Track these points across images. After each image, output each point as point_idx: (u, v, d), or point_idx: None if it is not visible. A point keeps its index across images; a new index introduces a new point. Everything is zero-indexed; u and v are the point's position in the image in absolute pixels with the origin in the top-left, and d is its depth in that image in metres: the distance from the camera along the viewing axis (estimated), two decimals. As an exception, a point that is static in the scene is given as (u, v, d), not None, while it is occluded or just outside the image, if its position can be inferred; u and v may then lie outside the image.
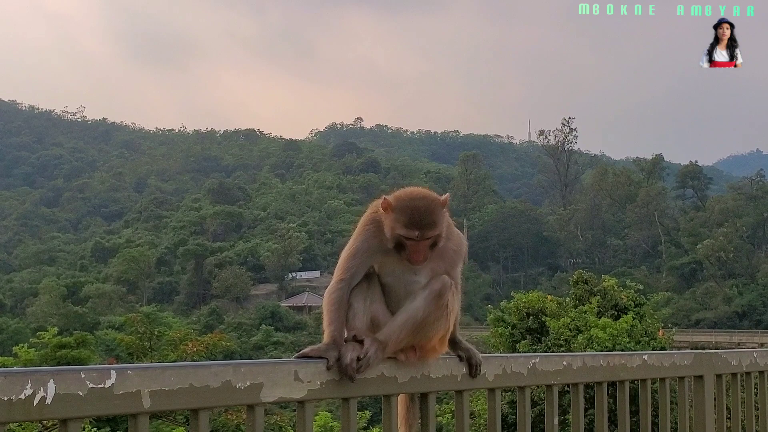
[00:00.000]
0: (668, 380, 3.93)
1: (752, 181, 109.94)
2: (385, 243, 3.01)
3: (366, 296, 2.97)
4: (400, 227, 2.95)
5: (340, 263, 3.04)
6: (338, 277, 3.00)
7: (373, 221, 3.08)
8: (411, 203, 2.97)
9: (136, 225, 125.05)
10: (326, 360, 2.68)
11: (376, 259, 3.05)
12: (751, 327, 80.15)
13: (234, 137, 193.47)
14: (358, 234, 3.10)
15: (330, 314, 2.87)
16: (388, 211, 3.00)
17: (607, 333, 18.90)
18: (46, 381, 2.06)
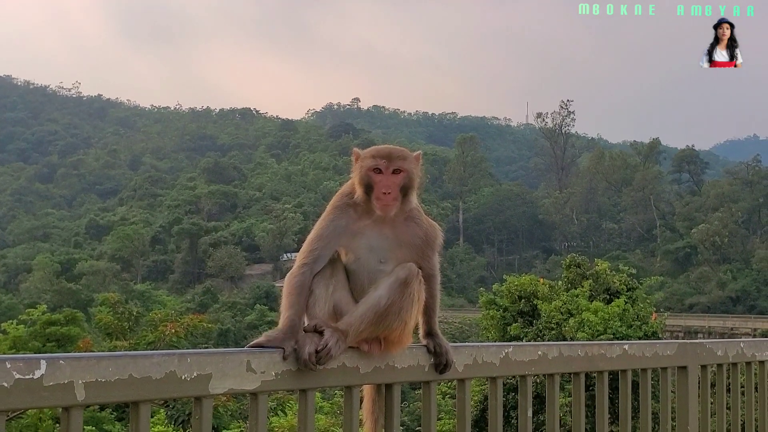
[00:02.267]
0: (650, 371, 3.79)
1: (748, 166, 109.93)
2: (352, 223, 2.87)
3: (329, 283, 2.82)
4: (368, 160, 2.93)
5: (304, 246, 2.91)
6: (301, 261, 2.87)
7: (341, 200, 2.97)
8: (381, 145, 3.04)
9: (131, 203, 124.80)
10: (282, 350, 2.54)
11: (342, 241, 2.90)
12: (744, 312, 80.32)
13: (230, 116, 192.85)
14: (324, 215, 2.98)
15: (289, 299, 2.72)
16: (358, 158, 3.01)
17: (598, 317, 18.86)
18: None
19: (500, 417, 3.13)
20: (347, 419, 2.73)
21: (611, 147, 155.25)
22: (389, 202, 2.84)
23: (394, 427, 2.84)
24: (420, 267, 2.88)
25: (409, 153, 3.01)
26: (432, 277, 2.97)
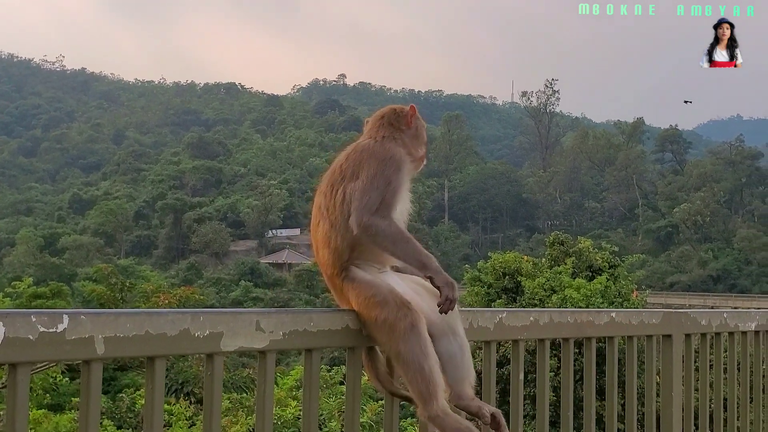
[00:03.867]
0: (636, 338, 3.93)
1: (731, 146, 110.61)
2: (408, 180, 2.98)
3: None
4: (423, 122, 3.16)
5: (372, 195, 2.80)
6: (382, 211, 2.79)
7: (402, 154, 2.97)
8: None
9: (114, 177, 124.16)
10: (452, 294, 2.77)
11: (400, 198, 2.91)
12: (725, 291, 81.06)
13: (214, 91, 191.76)
14: (393, 166, 2.90)
15: (415, 244, 2.81)
16: (414, 114, 3.12)
17: (581, 293, 19.07)
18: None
19: (493, 380, 3.26)
20: (350, 379, 2.85)
21: (595, 126, 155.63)
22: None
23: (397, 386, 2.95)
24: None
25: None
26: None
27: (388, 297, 2.74)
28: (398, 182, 2.85)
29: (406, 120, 3.08)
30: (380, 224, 2.75)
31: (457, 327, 2.93)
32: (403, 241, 2.77)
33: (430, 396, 2.71)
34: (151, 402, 2.30)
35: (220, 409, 2.50)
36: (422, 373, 2.69)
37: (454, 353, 2.90)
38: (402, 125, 3.07)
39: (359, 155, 2.93)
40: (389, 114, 3.10)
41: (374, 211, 2.77)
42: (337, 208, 2.85)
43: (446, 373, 2.85)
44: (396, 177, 2.85)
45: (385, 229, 2.75)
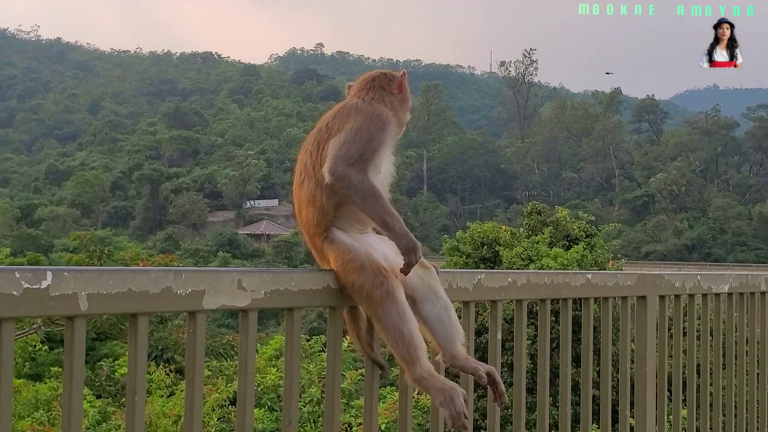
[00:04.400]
0: (611, 300, 3.99)
1: (707, 115, 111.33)
2: (393, 141, 2.98)
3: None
4: (409, 104, 3.14)
5: (352, 149, 2.79)
6: (356, 167, 2.78)
7: (387, 114, 2.96)
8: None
9: (91, 148, 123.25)
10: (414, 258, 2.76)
11: (381, 158, 2.89)
12: (700, 260, 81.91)
13: (191, 60, 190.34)
14: (376, 124, 2.88)
15: (384, 203, 2.80)
16: (402, 88, 3.10)
17: (558, 262, 19.19)
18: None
19: (472, 338, 3.31)
20: (331, 338, 2.88)
21: (573, 96, 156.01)
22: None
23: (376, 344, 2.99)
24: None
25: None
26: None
27: (366, 263, 2.76)
28: (381, 141, 2.85)
29: (397, 84, 3.09)
30: (354, 177, 2.75)
31: (438, 289, 2.97)
32: (372, 198, 2.76)
33: (412, 359, 2.75)
34: (134, 359, 2.33)
35: (203, 366, 2.54)
36: (402, 337, 2.73)
37: (440, 314, 2.94)
38: (393, 89, 3.08)
39: (347, 112, 2.93)
40: (379, 77, 3.11)
41: (350, 163, 2.77)
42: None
43: (436, 335, 2.90)
44: (379, 136, 2.85)
45: (357, 184, 2.75)
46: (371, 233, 2.93)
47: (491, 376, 2.97)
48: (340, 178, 2.76)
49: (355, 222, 2.89)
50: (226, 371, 14.16)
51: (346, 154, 2.78)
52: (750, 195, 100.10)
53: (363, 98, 3.00)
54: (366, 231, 2.92)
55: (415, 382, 2.79)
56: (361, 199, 2.77)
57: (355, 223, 2.89)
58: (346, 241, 2.82)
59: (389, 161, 2.98)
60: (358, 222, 2.89)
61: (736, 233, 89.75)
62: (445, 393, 2.76)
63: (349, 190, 2.77)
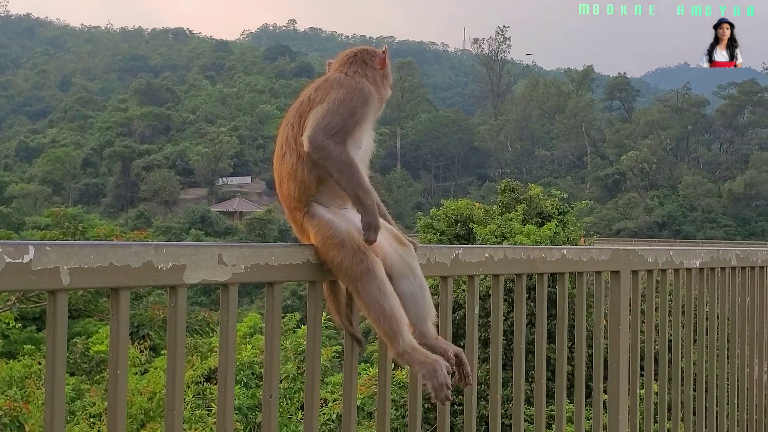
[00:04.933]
0: (585, 275, 4.04)
1: (678, 93, 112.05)
2: (375, 115, 2.98)
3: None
4: (390, 81, 3.12)
5: (331, 120, 2.79)
6: (336, 140, 2.78)
7: (369, 89, 2.95)
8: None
9: (61, 125, 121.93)
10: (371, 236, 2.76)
11: (361, 132, 2.88)
12: (670, 237, 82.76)
13: (162, 36, 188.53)
14: (359, 98, 2.88)
15: (360, 177, 2.80)
16: (384, 64, 3.10)
17: (530, 239, 19.31)
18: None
19: (449, 312, 3.34)
20: (310, 313, 2.90)
21: (546, 74, 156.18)
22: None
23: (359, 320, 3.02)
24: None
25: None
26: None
27: (346, 239, 2.77)
28: (362, 115, 2.85)
29: (380, 59, 3.10)
30: (333, 149, 2.75)
31: (415, 267, 3.00)
32: (348, 171, 2.77)
33: (395, 334, 2.78)
34: (116, 333, 2.34)
35: (184, 341, 2.55)
36: (384, 313, 2.76)
37: (415, 292, 2.97)
38: (375, 64, 3.08)
39: (329, 85, 2.92)
40: (362, 52, 3.11)
41: (330, 134, 2.76)
42: None
43: (409, 312, 2.91)
44: (362, 110, 2.85)
45: (335, 155, 2.75)
46: (352, 209, 2.95)
47: (458, 357, 3.00)
48: (318, 148, 2.76)
49: (336, 198, 2.90)
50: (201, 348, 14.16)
51: (327, 125, 2.78)
52: (720, 172, 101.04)
53: (346, 72, 3.01)
54: (346, 207, 2.93)
55: (399, 357, 2.82)
56: (337, 171, 2.77)
57: (336, 198, 2.90)
58: (327, 217, 2.83)
59: (369, 137, 2.98)
60: (339, 198, 2.90)
61: (706, 210, 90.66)
62: (428, 366, 2.79)
63: (327, 161, 2.77)
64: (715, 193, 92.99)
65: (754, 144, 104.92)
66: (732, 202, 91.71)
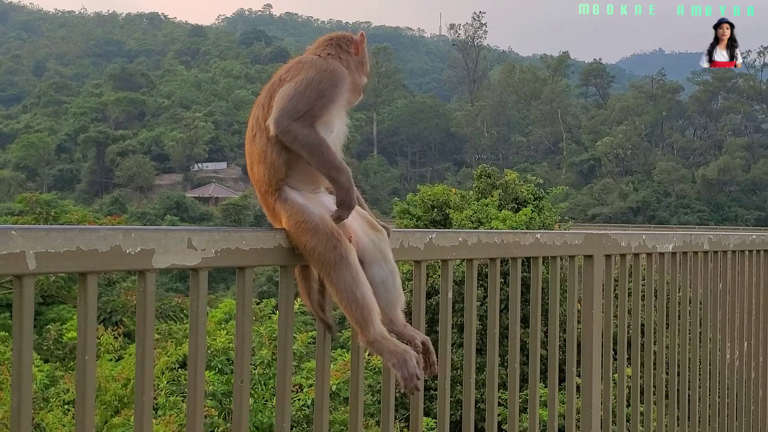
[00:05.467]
0: (559, 259, 4.05)
1: (653, 79, 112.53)
2: (348, 99, 2.95)
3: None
4: (366, 69, 3.08)
5: (299, 103, 2.75)
6: (303, 122, 2.73)
7: (342, 72, 2.90)
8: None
9: (35, 110, 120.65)
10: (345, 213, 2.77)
11: (332, 115, 2.84)
12: (644, 222, 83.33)
13: (137, 21, 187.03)
14: (329, 79, 2.84)
15: (329, 152, 2.76)
16: (363, 41, 3.04)
17: (507, 225, 19.35)
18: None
19: (423, 297, 3.34)
20: (282, 297, 2.88)
21: (522, 60, 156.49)
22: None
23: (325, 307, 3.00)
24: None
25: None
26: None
27: (319, 224, 2.74)
28: (332, 98, 2.80)
29: (355, 45, 3.05)
30: (300, 131, 2.72)
31: (387, 253, 2.98)
32: (318, 151, 2.73)
33: (366, 322, 2.76)
34: (84, 318, 2.31)
35: (154, 326, 2.52)
36: (356, 300, 2.74)
37: (386, 279, 2.95)
38: (350, 49, 3.04)
39: (300, 66, 2.89)
40: (338, 37, 3.07)
41: (297, 117, 2.73)
42: None
43: (379, 298, 2.89)
44: (331, 92, 2.81)
45: (304, 138, 2.72)
46: (325, 193, 2.92)
47: (425, 345, 3.00)
48: (285, 132, 2.73)
49: (308, 182, 2.87)
50: (176, 334, 14.09)
51: (294, 107, 2.74)
52: (694, 158, 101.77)
53: (320, 54, 2.98)
54: (319, 191, 2.91)
55: (368, 345, 2.81)
56: (308, 152, 2.74)
57: (309, 182, 2.87)
58: (300, 201, 2.80)
59: (342, 122, 2.94)
60: (312, 182, 2.88)
61: (680, 196, 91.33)
62: (398, 355, 2.78)
63: (296, 144, 2.73)
64: (689, 179, 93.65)
65: (728, 130, 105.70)
66: (705, 187, 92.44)
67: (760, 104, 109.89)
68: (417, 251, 3.27)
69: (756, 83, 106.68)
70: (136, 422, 2.45)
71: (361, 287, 2.75)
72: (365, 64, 3.10)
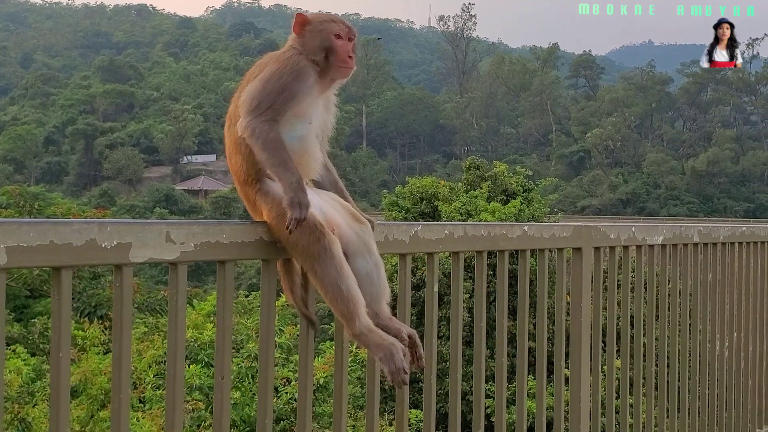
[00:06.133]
0: (547, 251, 4.00)
1: (643, 71, 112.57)
2: (315, 87, 2.84)
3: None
4: (328, 24, 2.89)
5: (258, 100, 2.73)
6: (264, 118, 2.71)
7: (301, 59, 2.84)
8: (328, 13, 3.02)
9: (23, 102, 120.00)
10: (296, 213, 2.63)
11: (300, 107, 2.79)
12: (634, 214, 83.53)
13: (125, 12, 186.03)
14: (286, 70, 2.80)
15: (281, 155, 2.69)
16: (306, 23, 2.93)
17: (495, 217, 19.32)
18: None
19: (408, 290, 3.28)
20: (264, 291, 2.83)
21: (511, 52, 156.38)
22: (352, 66, 2.87)
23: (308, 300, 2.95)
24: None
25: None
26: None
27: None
28: (296, 91, 2.77)
29: (294, 28, 2.98)
30: (258, 127, 2.70)
31: (371, 246, 2.94)
32: (270, 149, 2.69)
33: (351, 315, 2.72)
34: (58, 314, 2.25)
35: (131, 321, 2.46)
36: (341, 293, 2.70)
37: (370, 271, 2.91)
38: (296, 33, 2.97)
39: (266, 61, 2.88)
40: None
41: (259, 113, 2.71)
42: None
43: (363, 291, 2.85)
44: (294, 85, 2.77)
45: (259, 134, 2.69)
46: (307, 186, 2.87)
47: (412, 339, 2.96)
48: (246, 131, 2.73)
49: None
50: (163, 328, 14.02)
51: (257, 105, 2.73)
52: (683, 150, 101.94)
53: (285, 48, 2.93)
54: None
55: (355, 338, 2.77)
56: (260, 149, 2.71)
57: None
58: (280, 193, 2.75)
59: (322, 112, 2.91)
60: None
61: (670, 187, 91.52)
62: (385, 349, 2.74)
63: (251, 140, 2.72)
64: (678, 171, 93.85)
65: (717, 122, 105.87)
66: (695, 179, 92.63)
67: (749, 96, 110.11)
68: (402, 244, 3.21)
69: (745, 75, 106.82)
70: (113, 421, 2.39)
71: (346, 280, 2.71)
72: (315, 40, 2.91)
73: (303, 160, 2.84)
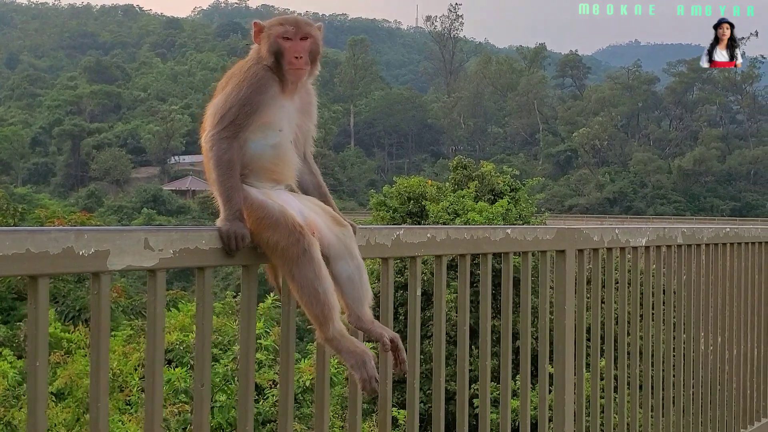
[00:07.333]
0: (530, 254, 3.99)
1: (629, 71, 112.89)
2: (277, 94, 2.82)
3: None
4: (276, 28, 2.85)
5: (219, 115, 2.75)
6: (220, 133, 2.73)
7: (260, 68, 2.83)
8: (284, 15, 2.94)
9: (9, 103, 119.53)
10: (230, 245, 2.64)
11: (265, 116, 2.79)
12: (621, 213, 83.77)
13: (111, 13, 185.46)
14: (245, 82, 2.80)
15: (228, 180, 2.69)
16: (262, 30, 2.89)
17: (483, 216, 19.33)
18: None
19: (391, 295, 3.27)
20: (245, 296, 2.81)
21: (498, 52, 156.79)
22: (302, 66, 2.83)
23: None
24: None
25: (313, 24, 2.93)
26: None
27: (280, 219, 2.69)
28: (257, 103, 2.76)
29: (254, 38, 2.95)
30: (215, 145, 2.73)
31: (353, 249, 2.93)
32: (220, 173, 2.71)
33: (325, 319, 2.71)
34: (34, 322, 2.23)
35: (109, 329, 2.45)
36: (317, 297, 2.69)
37: (352, 274, 2.90)
38: (256, 42, 2.94)
39: (232, 72, 2.89)
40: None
41: (220, 129, 2.74)
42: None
43: (345, 295, 2.86)
44: (255, 98, 2.77)
45: (216, 153, 2.72)
46: (285, 189, 2.87)
47: (394, 343, 2.95)
48: (205, 142, 2.77)
49: (266, 179, 2.83)
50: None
51: (219, 120, 2.75)
52: (670, 149, 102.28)
53: (247, 59, 2.93)
54: (279, 187, 2.86)
55: (327, 342, 2.77)
56: (212, 167, 2.74)
57: (267, 179, 2.83)
58: (259, 198, 2.75)
59: (296, 116, 2.90)
60: (270, 180, 2.84)
61: (656, 186, 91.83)
62: (357, 356, 2.74)
63: (208, 154, 2.75)
64: (665, 170, 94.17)
65: (703, 121, 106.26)
66: (681, 178, 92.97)
67: (735, 95, 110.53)
68: (384, 248, 3.21)
69: (731, 74, 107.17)
70: (91, 428, 2.37)
71: (323, 283, 2.70)
72: (266, 46, 2.88)
73: (278, 168, 2.85)
